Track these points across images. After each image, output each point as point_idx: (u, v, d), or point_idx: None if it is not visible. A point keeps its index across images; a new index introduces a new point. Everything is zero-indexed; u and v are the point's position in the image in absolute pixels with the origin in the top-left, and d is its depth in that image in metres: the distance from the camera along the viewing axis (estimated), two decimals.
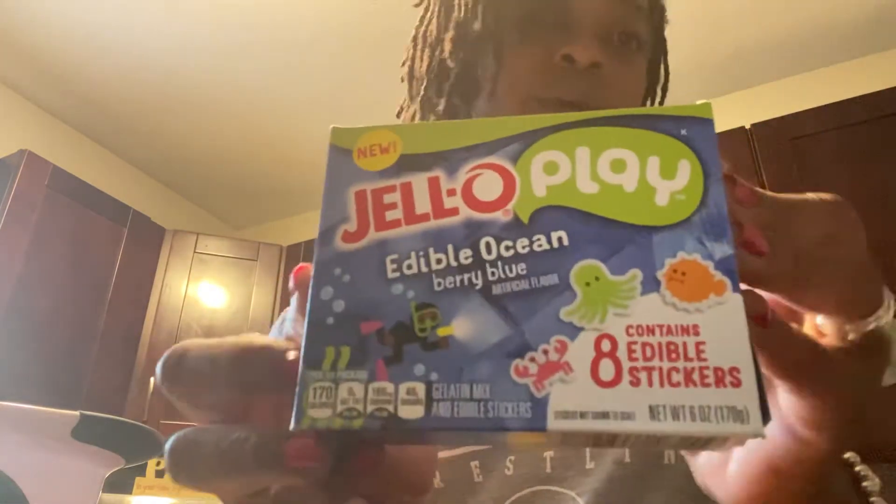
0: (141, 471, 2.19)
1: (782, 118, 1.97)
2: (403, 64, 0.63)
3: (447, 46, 0.57)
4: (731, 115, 2.42)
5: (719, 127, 2.30)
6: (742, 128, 2.02)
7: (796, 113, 1.97)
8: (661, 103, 0.61)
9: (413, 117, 0.59)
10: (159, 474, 2.20)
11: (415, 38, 0.64)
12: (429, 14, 0.62)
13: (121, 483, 2.11)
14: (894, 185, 1.74)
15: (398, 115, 0.63)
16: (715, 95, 2.54)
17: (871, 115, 1.85)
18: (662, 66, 0.61)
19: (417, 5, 0.66)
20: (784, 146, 1.92)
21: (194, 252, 2.60)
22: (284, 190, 3.13)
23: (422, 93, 0.58)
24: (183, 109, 2.64)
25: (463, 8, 0.56)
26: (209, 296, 2.55)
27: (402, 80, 0.62)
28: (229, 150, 2.87)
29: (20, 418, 0.48)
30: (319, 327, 0.22)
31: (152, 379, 2.33)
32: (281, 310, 2.59)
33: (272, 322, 2.58)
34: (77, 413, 0.50)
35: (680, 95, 1.91)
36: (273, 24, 2.24)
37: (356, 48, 2.34)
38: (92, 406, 1.98)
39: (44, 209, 2.14)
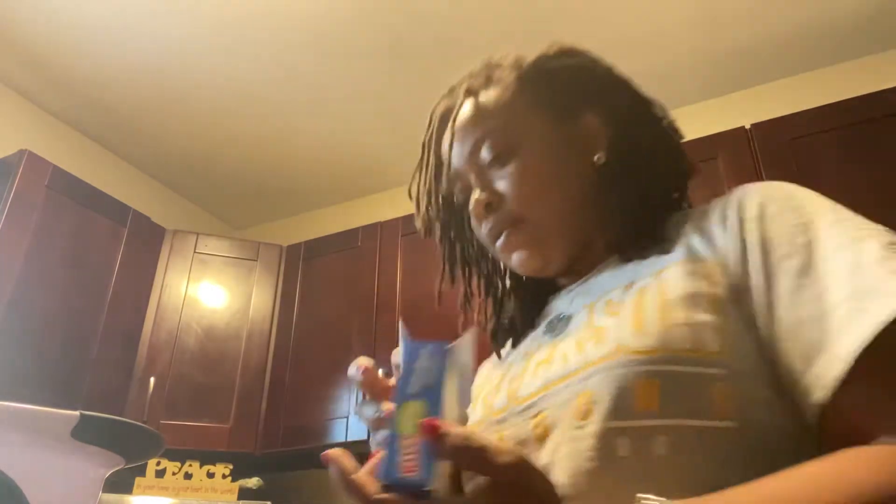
0: (141, 471, 2.19)
1: (782, 118, 1.97)
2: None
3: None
4: (731, 115, 2.42)
5: (719, 127, 2.32)
6: (742, 128, 2.02)
7: (796, 113, 1.97)
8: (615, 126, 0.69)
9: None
10: (159, 474, 2.20)
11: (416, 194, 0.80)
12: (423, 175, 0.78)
13: (121, 483, 2.11)
14: (894, 184, 1.74)
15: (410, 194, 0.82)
16: (715, 95, 2.54)
17: (871, 115, 1.85)
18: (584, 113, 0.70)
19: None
20: (784, 146, 1.92)
21: (194, 252, 2.60)
22: (284, 190, 3.13)
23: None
24: (183, 109, 2.64)
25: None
26: (209, 296, 2.55)
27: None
28: (229, 150, 2.87)
29: (20, 418, 0.48)
30: None
31: (152, 379, 2.33)
32: (281, 310, 2.59)
33: (272, 321, 2.59)
34: (77, 413, 0.50)
35: (680, 95, 1.92)
36: (273, 24, 2.24)
37: (356, 49, 2.34)
38: (92, 406, 1.98)
39: (44, 209, 2.14)
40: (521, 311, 0.72)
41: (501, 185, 0.65)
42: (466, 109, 0.69)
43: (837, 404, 0.43)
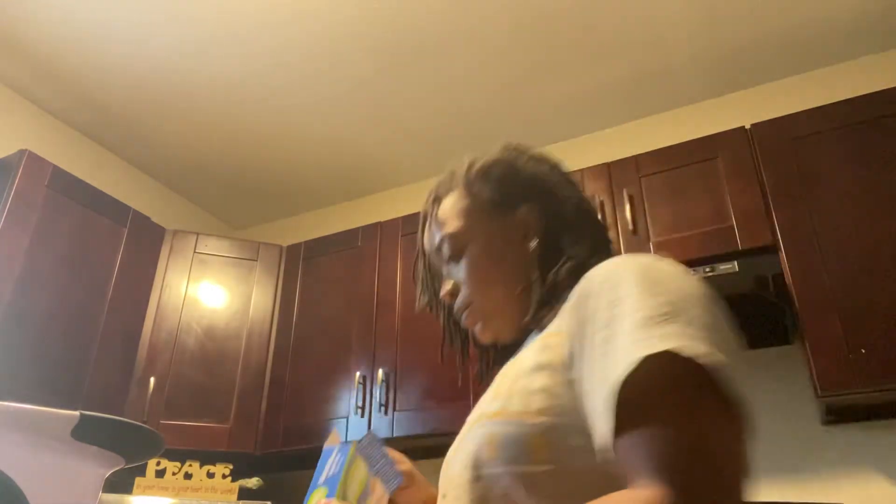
0: (141, 471, 2.19)
1: (782, 118, 1.97)
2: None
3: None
4: (731, 115, 2.42)
5: (719, 127, 2.32)
6: (742, 128, 2.02)
7: (796, 113, 1.97)
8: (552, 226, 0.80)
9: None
10: (159, 474, 2.20)
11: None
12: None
13: (121, 483, 2.10)
14: (894, 184, 1.74)
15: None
16: (715, 95, 2.54)
17: (871, 115, 1.85)
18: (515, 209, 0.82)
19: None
20: (784, 146, 1.92)
21: (194, 252, 2.60)
22: (284, 190, 3.13)
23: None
24: (183, 110, 2.64)
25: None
26: (209, 296, 2.55)
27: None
28: (229, 150, 2.87)
29: (20, 418, 0.48)
30: None
31: (152, 379, 2.33)
32: (281, 310, 2.59)
33: (272, 321, 2.59)
34: (77, 413, 0.50)
35: (680, 95, 1.93)
36: (273, 25, 2.24)
37: (357, 50, 2.34)
38: (92, 406, 1.98)
39: (44, 209, 2.14)
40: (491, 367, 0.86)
41: (458, 276, 0.82)
42: (433, 216, 0.86)
43: (617, 454, 0.51)
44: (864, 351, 1.60)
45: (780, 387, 2.02)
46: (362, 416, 2.17)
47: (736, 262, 1.80)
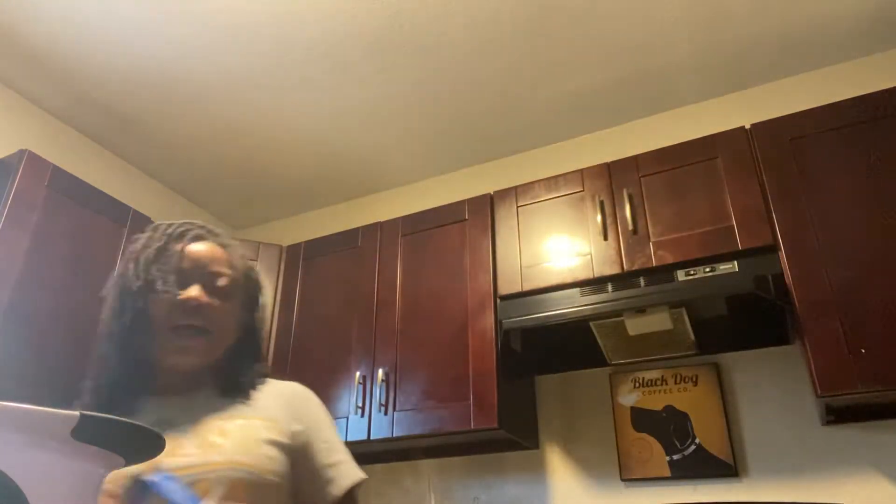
0: None
1: (782, 118, 1.97)
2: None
3: None
4: (731, 115, 2.42)
5: (719, 127, 2.31)
6: (742, 128, 2.02)
7: (796, 113, 1.97)
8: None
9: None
10: None
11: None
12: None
13: None
14: (894, 185, 1.74)
15: None
16: (715, 95, 2.54)
17: (871, 115, 1.85)
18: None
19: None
20: (784, 146, 1.92)
21: None
22: (284, 190, 3.13)
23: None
24: (183, 110, 2.64)
25: None
26: None
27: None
28: (229, 150, 2.87)
29: (20, 418, 0.48)
30: None
31: None
32: (281, 310, 2.59)
33: (272, 321, 2.58)
34: (77, 413, 0.50)
35: (680, 95, 1.92)
36: (273, 25, 2.24)
37: (356, 51, 2.34)
38: None
39: (44, 209, 2.14)
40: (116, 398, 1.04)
41: (217, 306, 1.02)
42: (214, 249, 1.08)
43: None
44: (864, 351, 1.60)
45: (780, 387, 2.02)
46: (362, 415, 2.17)
47: (736, 262, 1.80)
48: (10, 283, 1.99)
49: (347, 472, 1.04)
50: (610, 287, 1.94)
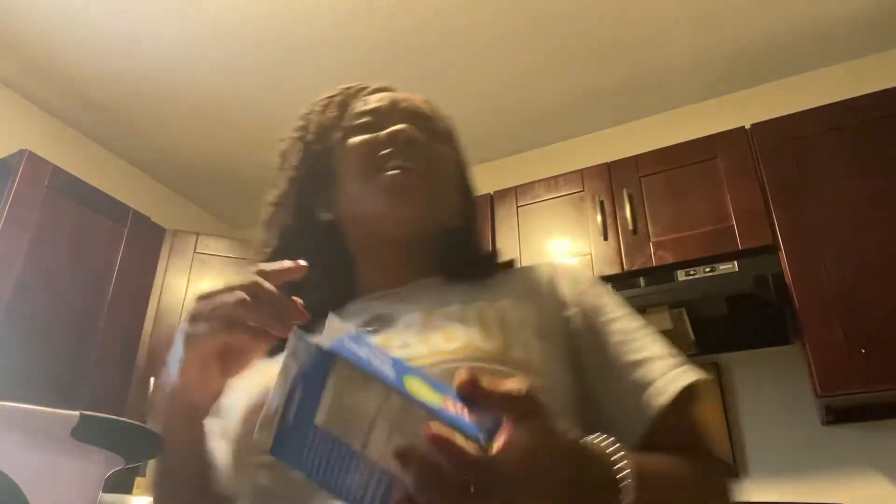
0: (141, 471, 2.19)
1: (782, 118, 1.97)
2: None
3: None
4: (731, 115, 2.42)
5: (719, 127, 2.31)
6: (742, 128, 2.02)
7: (796, 113, 1.97)
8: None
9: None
10: None
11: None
12: None
13: (121, 483, 2.11)
14: (894, 184, 1.74)
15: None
16: (715, 95, 2.54)
17: (871, 115, 1.85)
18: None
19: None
20: (784, 146, 1.92)
21: (194, 252, 2.60)
22: None
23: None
24: (183, 110, 2.64)
25: None
26: None
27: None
28: (229, 150, 2.87)
29: (20, 418, 0.48)
30: None
31: (152, 379, 2.33)
32: None
33: None
34: (77, 413, 0.50)
35: (680, 95, 1.92)
36: (273, 25, 2.24)
37: (356, 50, 2.34)
38: (92, 406, 1.97)
39: (44, 209, 2.14)
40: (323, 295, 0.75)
41: (430, 143, 0.76)
42: (417, 96, 0.84)
43: (663, 423, 0.62)
44: (864, 351, 1.60)
45: (780, 387, 2.02)
46: None
47: (736, 262, 1.80)
48: (10, 283, 1.99)
49: (667, 372, 0.65)
50: (610, 287, 1.93)
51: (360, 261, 0.78)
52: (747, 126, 2.01)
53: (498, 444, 0.39)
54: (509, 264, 0.83)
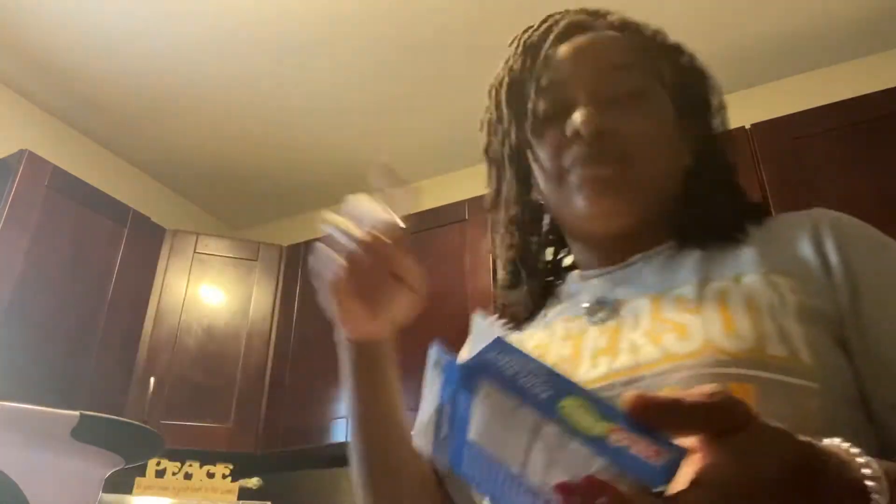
0: (141, 471, 2.19)
1: (782, 118, 1.97)
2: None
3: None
4: (731, 115, 2.42)
5: None
6: (742, 128, 2.02)
7: (796, 113, 1.97)
8: (711, 115, 0.75)
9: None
10: (159, 474, 2.19)
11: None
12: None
13: (121, 483, 2.10)
14: (894, 184, 1.74)
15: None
16: None
17: (871, 115, 1.85)
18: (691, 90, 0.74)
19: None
20: (784, 146, 1.92)
21: (194, 252, 2.60)
22: (284, 190, 3.13)
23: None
24: (183, 110, 2.64)
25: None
26: (209, 296, 2.55)
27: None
28: (229, 150, 2.87)
29: (20, 418, 0.48)
30: None
31: (152, 379, 2.33)
32: (281, 310, 2.59)
33: (272, 321, 2.58)
34: (77, 413, 0.50)
35: None
36: (273, 25, 2.24)
37: (357, 50, 2.34)
38: (92, 406, 1.98)
39: (44, 209, 2.14)
40: (542, 278, 0.70)
41: (620, 119, 0.62)
42: (600, 37, 0.70)
43: None
44: None
45: None
46: None
47: None
48: (10, 283, 1.99)
49: None
50: None
51: (576, 241, 0.70)
52: (747, 126, 2.01)
53: (678, 483, 0.29)
54: (756, 211, 0.67)
